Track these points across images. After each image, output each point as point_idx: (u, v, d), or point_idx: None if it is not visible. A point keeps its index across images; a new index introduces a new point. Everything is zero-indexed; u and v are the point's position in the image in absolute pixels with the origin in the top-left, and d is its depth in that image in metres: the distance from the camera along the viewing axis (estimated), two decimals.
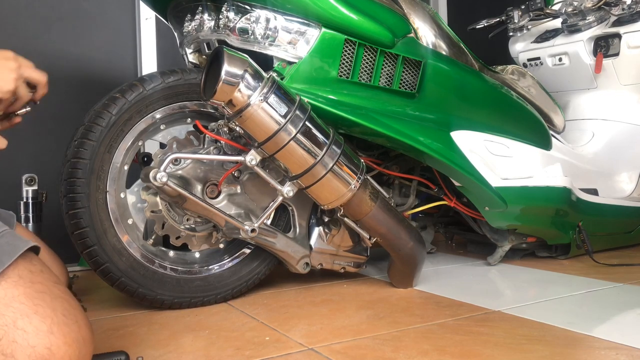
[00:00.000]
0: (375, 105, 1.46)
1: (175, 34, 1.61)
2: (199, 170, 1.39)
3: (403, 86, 1.51)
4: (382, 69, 1.47)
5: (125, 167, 1.35)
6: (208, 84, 1.22)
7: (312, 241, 1.52)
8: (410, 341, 1.10)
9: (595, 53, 2.18)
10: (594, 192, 2.03)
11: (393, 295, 1.49)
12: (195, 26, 1.46)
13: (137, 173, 1.40)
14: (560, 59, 2.25)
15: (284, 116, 1.21)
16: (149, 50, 2.18)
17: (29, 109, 1.01)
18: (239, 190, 1.44)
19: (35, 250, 0.83)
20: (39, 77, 0.99)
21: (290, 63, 1.37)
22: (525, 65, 2.37)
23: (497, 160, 1.70)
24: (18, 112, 1.00)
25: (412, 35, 1.51)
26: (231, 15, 1.37)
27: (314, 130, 1.26)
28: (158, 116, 1.36)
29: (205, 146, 1.42)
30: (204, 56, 1.54)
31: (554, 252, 1.97)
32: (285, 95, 1.22)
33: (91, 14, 2.09)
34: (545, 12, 2.21)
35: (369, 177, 1.44)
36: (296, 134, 1.22)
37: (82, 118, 1.34)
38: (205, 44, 1.46)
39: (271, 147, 1.24)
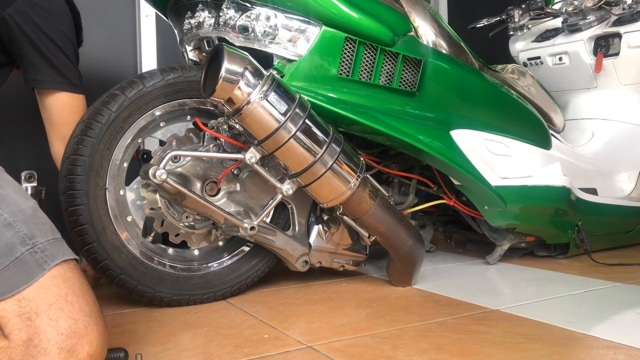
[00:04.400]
0: (375, 104, 1.46)
1: (175, 31, 1.61)
2: (199, 168, 1.39)
3: (403, 85, 1.50)
4: (382, 67, 1.47)
5: (125, 164, 1.35)
6: (208, 82, 1.22)
7: (311, 239, 1.52)
8: (409, 339, 1.11)
9: (595, 52, 2.18)
10: (593, 191, 2.03)
11: (392, 293, 1.49)
12: (196, 23, 1.46)
13: (136, 170, 1.40)
14: (560, 59, 2.25)
15: (284, 114, 1.21)
16: (149, 47, 2.18)
17: None
18: (238, 188, 1.44)
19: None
20: None
21: (290, 61, 1.37)
22: (525, 65, 2.37)
23: (496, 159, 1.70)
24: None
25: (412, 33, 1.51)
26: (231, 12, 1.37)
27: (314, 129, 1.26)
28: (158, 113, 1.36)
29: (205, 144, 1.42)
30: (204, 54, 1.54)
31: (553, 252, 1.97)
32: (285, 93, 1.22)
33: (91, 11, 2.08)
34: (546, 11, 2.21)
35: (368, 176, 1.44)
36: (296, 132, 1.22)
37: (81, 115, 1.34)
38: (205, 41, 1.46)
39: (271, 144, 1.24)
